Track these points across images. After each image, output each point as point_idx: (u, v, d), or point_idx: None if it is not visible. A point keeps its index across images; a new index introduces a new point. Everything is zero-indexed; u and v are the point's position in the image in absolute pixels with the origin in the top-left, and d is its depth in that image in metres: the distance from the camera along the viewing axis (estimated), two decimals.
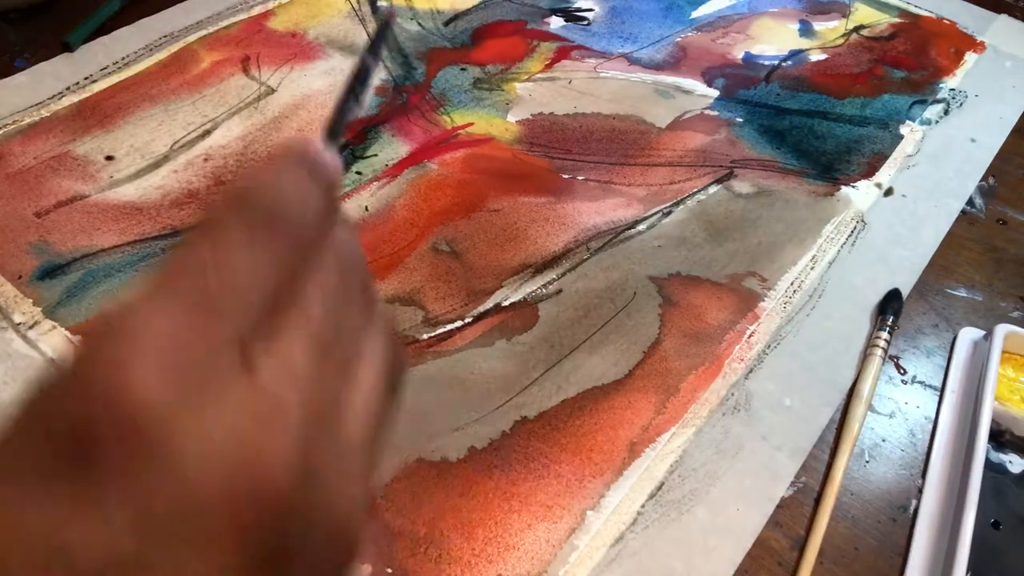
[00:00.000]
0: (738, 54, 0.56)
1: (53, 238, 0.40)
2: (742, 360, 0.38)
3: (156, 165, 0.44)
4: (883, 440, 0.36)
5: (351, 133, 0.47)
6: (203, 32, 0.53)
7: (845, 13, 0.61)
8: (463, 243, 0.42)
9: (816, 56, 0.57)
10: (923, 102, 0.53)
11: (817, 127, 0.51)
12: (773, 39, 0.58)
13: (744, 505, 0.33)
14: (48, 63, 0.49)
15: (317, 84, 0.50)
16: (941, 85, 0.55)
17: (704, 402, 0.36)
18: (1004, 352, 0.38)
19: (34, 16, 0.53)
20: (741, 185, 0.46)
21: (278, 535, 0.14)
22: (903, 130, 0.51)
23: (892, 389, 0.38)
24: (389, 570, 0.30)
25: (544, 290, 0.40)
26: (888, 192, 0.47)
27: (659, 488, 0.33)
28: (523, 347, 0.37)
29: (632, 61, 0.55)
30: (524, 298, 0.39)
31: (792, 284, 0.41)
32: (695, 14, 0.60)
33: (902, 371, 0.39)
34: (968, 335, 0.40)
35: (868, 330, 0.40)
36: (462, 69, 0.52)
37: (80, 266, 0.39)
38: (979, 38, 0.59)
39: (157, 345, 0.13)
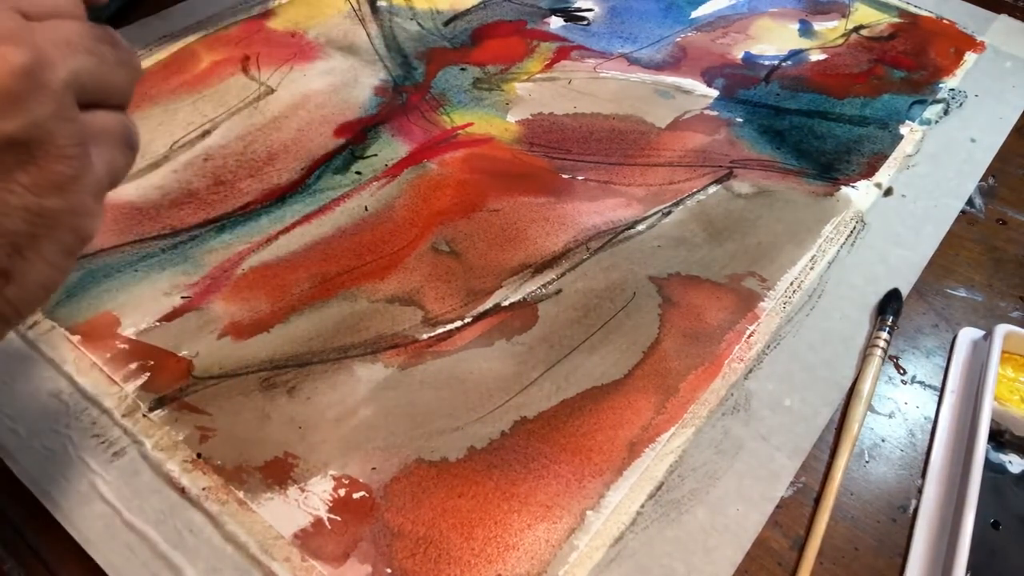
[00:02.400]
0: (738, 54, 0.56)
1: None
2: (742, 360, 0.38)
3: (156, 165, 0.44)
4: (883, 440, 0.36)
5: (351, 133, 0.47)
6: (203, 32, 0.53)
7: (845, 13, 0.61)
8: (463, 243, 0.42)
9: (816, 56, 0.57)
10: (923, 102, 0.53)
11: (817, 127, 0.51)
12: (773, 39, 0.58)
13: (744, 505, 0.33)
14: None
15: (317, 84, 0.50)
16: (941, 85, 0.55)
17: (704, 402, 0.36)
18: (1004, 352, 0.38)
19: None
20: (741, 185, 0.46)
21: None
22: (903, 130, 0.51)
23: (892, 389, 0.38)
24: (389, 570, 0.30)
25: (544, 290, 0.40)
26: (888, 192, 0.47)
27: (659, 488, 0.33)
28: (523, 347, 0.37)
29: (632, 61, 0.55)
30: (524, 298, 0.39)
31: (792, 284, 0.41)
32: (695, 14, 0.60)
33: (902, 371, 0.39)
34: (968, 335, 0.40)
35: (868, 330, 0.40)
36: (462, 69, 0.52)
37: (80, 266, 0.39)
38: (979, 38, 0.59)
39: None
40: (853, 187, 0.47)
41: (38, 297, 0.20)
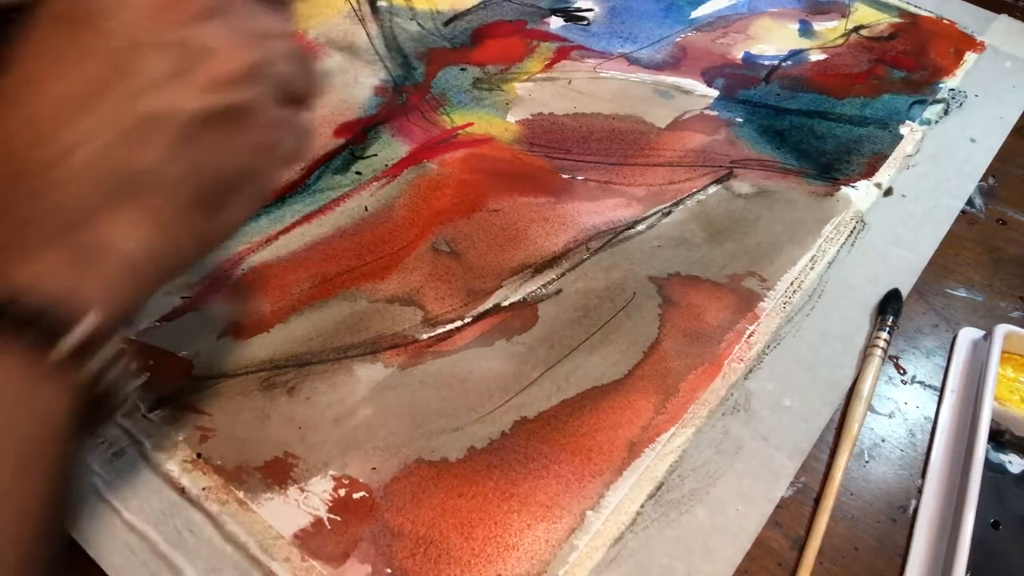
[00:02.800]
0: (738, 54, 0.56)
1: None
2: (742, 360, 0.38)
3: None
4: (883, 440, 0.36)
5: (351, 133, 0.47)
6: None
7: (845, 13, 0.61)
8: (463, 243, 0.42)
9: (816, 56, 0.57)
10: (923, 102, 0.53)
11: (817, 127, 0.51)
12: (773, 39, 0.58)
13: (744, 505, 0.33)
14: None
15: None
16: (941, 85, 0.55)
17: (704, 402, 0.36)
18: (1004, 352, 0.38)
19: None
20: (741, 185, 0.46)
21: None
22: (903, 130, 0.51)
23: (892, 389, 0.38)
24: (389, 570, 0.30)
25: (544, 290, 0.40)
26: (888, 192, 0.47)
27: (659, 488, 0.33)
28: (523, 347, 0.37)
29: (632, 61, 0.55)
30: (524, 298, 0.39)
31: (792, 284, 0.41)
32: (695, 14, 0.60)
33: (902, 371, 0.39)
34: (968, 335, 0.40)
35: (868, 330, 0.40)
36: (462, 69, 0.52)
37: None
38: (979, 38, 0.59)
39: None
40: (853, 187, 0.47)
41: (232, 229, 0.26)
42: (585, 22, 0.58)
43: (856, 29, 0.59)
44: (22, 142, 0.21)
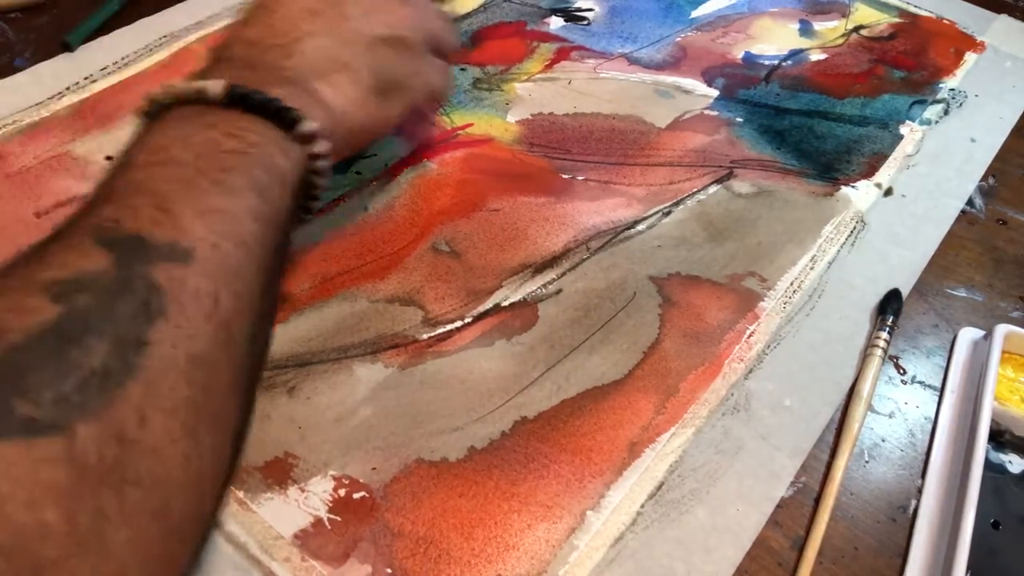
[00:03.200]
0: (738, 54, 0.56)
1: None
2: (742, 360, 0.38)
3: None
4: (883, 440, 0.36)
5: None
6: (203, 32, 0.53)
7: (845, 13, 0.61)
8: (463, 243, 0.42)
9: (816, 56, 0.57)
10: (923, 102, 0.53)
11: (817, 127, 0.51)
12: (773, 39, 0.58)
13: (744, 505, 0.33)
14: (48, 63, 0.49)
15: None
16: (941, 85, 0.55)
17: (704, 402, 0.36)
18: (1004, 352, 0.38)
19: (34, 16, 0.53)
20: (741, 185, 0.46)
21: None
22: (903, 130, 0.51)
23: (892, 389, 0.38)
24: (389, 570, 0.30)
25: (544, 290, 0.40)
26: (888, 192, 0.47)
27: (659, 488, 0.33)
28: (523, 347, 0.37)
29: (632, 61, 0.55)
30: (524, 298, 0.39)
31: (792, 284, 0.41)
32: (695, 14, 0.60)
33: (902, 371, 0.39)
34: (968, 335, 0.40)
35: (868, 330, 0.40)
36: (462, 69, 0.52)
37: None
38: (979, 38, 0.59)
39: None
40: (853, 187, 0.47)
41: (391, 117, 0.37)
42: (585, 22, 0.58)
43: (856, 29, 0.59)
44: (265, 34, 0.32)
